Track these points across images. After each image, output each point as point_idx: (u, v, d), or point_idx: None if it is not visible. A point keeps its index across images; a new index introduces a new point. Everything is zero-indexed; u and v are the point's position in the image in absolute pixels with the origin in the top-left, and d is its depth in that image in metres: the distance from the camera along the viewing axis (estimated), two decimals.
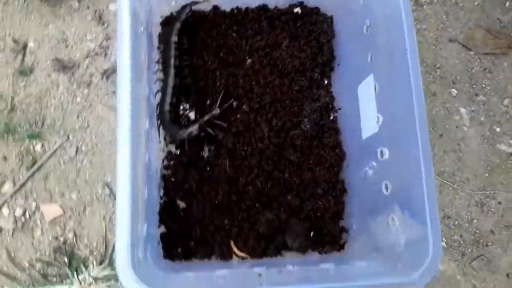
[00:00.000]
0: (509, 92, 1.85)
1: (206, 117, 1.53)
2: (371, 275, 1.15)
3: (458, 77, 1.84)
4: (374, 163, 1.37)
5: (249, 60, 1.68)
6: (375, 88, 1.37)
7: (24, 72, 1.60)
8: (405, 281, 1.07)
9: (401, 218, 1.22)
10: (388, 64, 1.30)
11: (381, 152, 1.33)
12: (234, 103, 1.64)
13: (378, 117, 1.34)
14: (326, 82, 1.72)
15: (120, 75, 1.12)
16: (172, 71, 1.54)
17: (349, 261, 1.44)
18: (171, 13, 1.69)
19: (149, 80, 1.51)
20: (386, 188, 1.30)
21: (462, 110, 1.81)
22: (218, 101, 1.56)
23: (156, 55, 1.62)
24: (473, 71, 1.85)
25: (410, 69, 1.18)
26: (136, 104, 1.17)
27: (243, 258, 1.50)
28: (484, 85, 1.84)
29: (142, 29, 1.38)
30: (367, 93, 1.42)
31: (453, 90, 1.82)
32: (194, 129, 1.52)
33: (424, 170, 1.13)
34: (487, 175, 1.76)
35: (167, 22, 1.68)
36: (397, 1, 1.25)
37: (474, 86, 1.84)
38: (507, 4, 1.91)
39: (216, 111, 1.54)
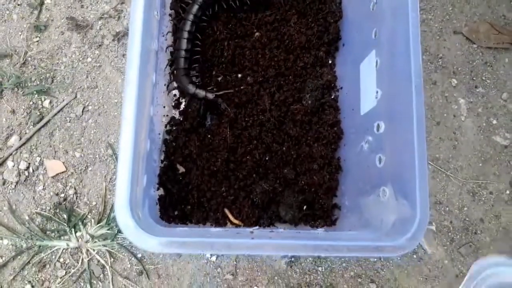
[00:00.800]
0: (508, 87, 1.88)
1: (204, 93, 1.56)
2: (359, 239, 1.18)
3: (459, 68, 1.87)
4: (370, 138, 1.41)
5: (257, 33, 1.71)
6: (376, 64, 1.40)
7: (39, 28, 1.63)
8: (392, 244, 1.10)
9: (391, 189, 1.25)
10: (390, 40, 1.33)
11: (378, 126, 1.36)
12: (239, 75, 1.68)
13: (377, 91, 1.37)
14: (330, 61, 1.75)
15: (131, 28, 1.16)
16: (188, 25, 1.57)
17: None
18: None
19: (159, 35, 1.54)
20: (380, 161, 1.33)
21: (461, 100, 1.84)
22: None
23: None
24: (475, 63, 1.88)
25: (411, 47, 1.21)
26: (145, 57, 1.21)
27: (237, 226, 1.54)
28: (484, 78, 1.87)
29: (157, 15, 1.40)
30: (368, 69, 1.46)
31: (453, 80, 1.85)
32: (202, 94, 1.55)
33: (417, 144, 1.16)
34: (480, 165, 1.79)
35: None
36: None
37: (474, 78, 1.87)
38: None
39: (212, 95, 1.56)
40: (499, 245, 1.74)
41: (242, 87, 1.65)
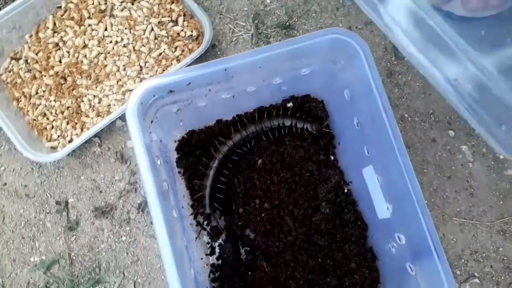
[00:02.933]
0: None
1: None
2: None
3: (452, 117, 1.94)
4: (395, 245, 1.51)
5: (259, 161, 1.83)
6: (378, 180, 1.49)
7: (72, 227, 1.80)
8: None
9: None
10: (382, 162, 1.43)
11: (399, 238, 1.46)
12: (257, 201, 1.80)
13: (387, 207, 1.47)
14: (332, 158, 1.85)
15: (150, 205, 1.29)
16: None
17: None
18: (183, 137, 1.85)
19: (176, 204, 1.68)
20: (411, 269, 1.43)
21: (463, 147, 1.91)
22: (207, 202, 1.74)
23: (178, 180, 1.79)
24: None
25: (401, 162, 1.31)
26: (170, 224, 1.34)
27: None
28: None
29: (159, 161, 1.53)
30: (372, 180, 1.55)
31: (451, 131, 1.92)
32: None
33: (435, 249, 1.26)
34: (501, 202, 1.86)
35: (182, 147, 1.84)
36: (376, 103, 1.37)
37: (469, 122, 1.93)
38: None
39: (207, 210, 1.72)
40: None
41: (263, 215, 1.77)
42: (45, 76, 1.89)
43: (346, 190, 1.81)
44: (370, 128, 1.47)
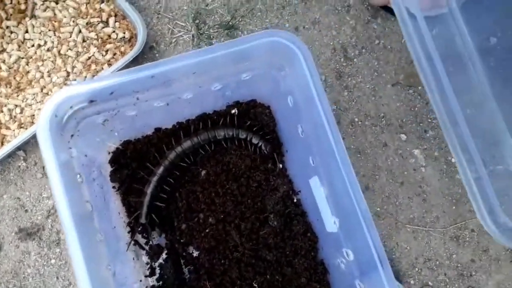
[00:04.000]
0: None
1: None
2: None
3: (404, 120, 1.87)
4: (344, 261, 1.42)
5: (203, 172, 1.70)
6: (323, 191, 1.40)
7: None
8: None
9: None
10: (326, 170, 1.34)
11: (347, 253, 1.37)
12: (201, 216, 1.67)
13: (334, 221, 1.38)
14: (281, 166, 1.74)
15: (65, 233, 1.14)
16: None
17: None
18: (117, 148, 1.70)
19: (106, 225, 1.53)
20: (360, 287, 1.34)
21: (416, 151, 1.85)
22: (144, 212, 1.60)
23: (112, 196, 1.64)
24: (416, 108, 1.89)
25: (344, 174, 1.22)
26: (90, 252, 1.19)
27: None
28: (430, 120, 1.88)
29: (80, 179, 1.37)
30: (318, 192, 1.46)
31: (402, 135, 1.86)
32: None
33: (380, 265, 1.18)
34: (454, 207, 1.82)
35: (116, 159, 1.68)
36: (317, 111, 1.27)
37: (421, 124, 1.87)
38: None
39: (142, 219, 1.59)
40: (496, 277, 1.77)
41: (207, 230, 1.64)
42: None
43: (295, 200, 1.71)
44: (313, 137, 1.37)
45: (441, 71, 1.30)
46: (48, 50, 1.68)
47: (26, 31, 1.69)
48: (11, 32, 1.69)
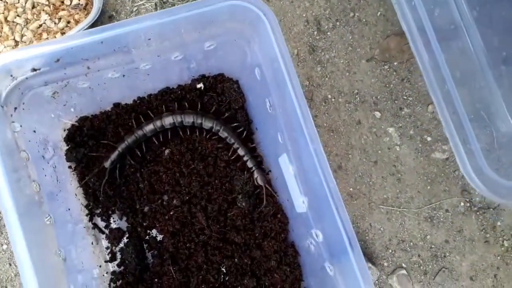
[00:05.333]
0: (431, 97, 1.82)
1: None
2: None
3: (378, 97, 1.80)
4: (314, 242, 1.35)
5: (166, 151, 1.60)
6: (292, 169, 1.32)
7: None
8: None
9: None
10: (295, 146, 1.25)
11: (316, 234, 1.30)
12: (164, 198, 1.57)
13: (303, 200, 1.30)
14: (250, 145, 1.65)
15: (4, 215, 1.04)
16: None
17: None
18: (73, 125, 1.57)
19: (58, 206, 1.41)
20: (330, 270, 1.28)
21: (390, 129, 1.79)
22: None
23: (68, 176, 1.52)
24: (392, 85, 1.82)
25: (312, 150, 1.14)
26: (35, 237, 1.08)
27: None
28: (405, 97, 1.81)
29: (26, 157, 1.25)
30: (287, 170, 1.38)
31: (377, 112, 1.79)
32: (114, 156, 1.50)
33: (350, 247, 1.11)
34: (429, 187, 1.77)
35: (72, 137, 1.56)
36: (286, 88, 1.17)
37: (396, 101, 1.81)
38: None
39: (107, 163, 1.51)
40: (470, 258, 1.74)
41: (171, 213, 1.55)
42: None
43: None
44: (281, 111, 1.29)
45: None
46: None
47: None
48: None
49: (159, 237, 1.57)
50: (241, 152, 1.56)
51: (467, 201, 1.77)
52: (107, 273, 1.54)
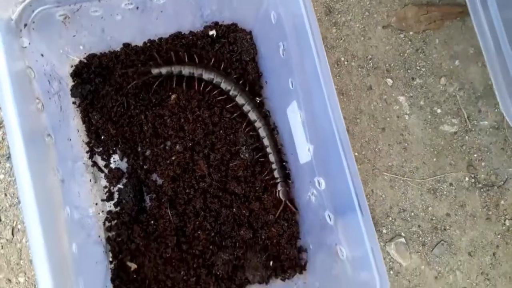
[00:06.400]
0: (445, 69, 1.80)
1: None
2: None
3: (391, 65, 1.78)
4: (315, 191, 1.33)
5: (173, 96, 1.58)
6: (300, 116, 1.29)
7: None
8: None
9: (347, 250, 1.19)
10: (307, 94, 1.23)
11: (318, 182, 1.28)
12: (167, 143, 1.56)
13: (309, 148, 1.28)
14: (258, 100, 1.63)
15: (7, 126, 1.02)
16: None
17: (311, 286, 1.42)
18: (80, 61, 1.55)
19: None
20: (330, 218, 1.26)
21: (401, 98, 1.77)
22: None
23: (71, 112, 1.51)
24: (406, 54, 1.80)
25: (328, 103, 1.11)
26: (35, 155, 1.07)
27: None
28: (418, 67, 1.79)
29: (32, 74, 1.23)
30: (294, 119, 1.37)
31: (389, 80, 1.77)
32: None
33: (357, 198, 1.09)
34: (435, 159, 1.75)
35: (79, 73, 1.54)
36: (304, 27, 1.15)
37: (409, 71, 1.78)
38: None
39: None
40: (470, 234, 1.72)
41: (173, 158, 1.53)
42: None
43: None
44: (296, 54, 1.26)
45: None
46: None
47: None
48: None
49: (159, 181, 1.55)
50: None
51: (472, 176, 1.75)
52: (102, 211, 1.52)
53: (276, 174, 1.52)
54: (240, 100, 1.54)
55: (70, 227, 1.21)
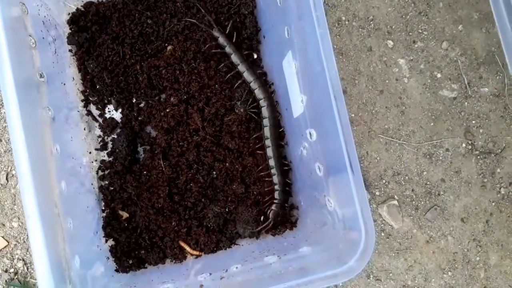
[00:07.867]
0: (447, 34, 1.78)
1: None
2: (313, 268, 1.14)
3: (393, 27, 1.76)
4: (306, 144, 1.34)
5: (169, 47, 1.58)
6: (295, 67, 1.29)
7: None
8: (342, 270, 1.06)
9: (335, 202, 1.19)
10: (301, 44, 1.22)
11: (310, 134, 1.28)
12: (162, 95, 1.56)
13: (302, 98, 1.27)
14: (255, 56, 1.62)
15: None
16: None
17: (301, 242, 1.43)
18: (77, 8, 1.55)
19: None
20: (319, 170, 1.26)
21: (401, 61, 1.75)
22: None
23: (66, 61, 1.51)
24: (408, 17, 1.77)
25: (322, 53, 1.10)
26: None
27: (197, 256, 1.49)
28: (420, 31, 1.77)
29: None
30: (289, 71, 1.37)
31: (389, 42, 1.75)
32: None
33: (347, 152, 1.08)
34: (432, 124, 1.74)
35: (76, 21, 1.54)
36: None
37: (410, 34, 1.76)
38: None
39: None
40: (464, 200, 1.72)
41: (168, 110, 1.54)
42: None
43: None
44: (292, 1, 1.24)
45: None
46: None
47: None
48: None
49: (153, 133, 1.56)
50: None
51: (469, 143, 1.75)
52: (96, 161, 1.54)
53: (276, 195, 1.51)
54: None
55: (59, 165, 1.22)
